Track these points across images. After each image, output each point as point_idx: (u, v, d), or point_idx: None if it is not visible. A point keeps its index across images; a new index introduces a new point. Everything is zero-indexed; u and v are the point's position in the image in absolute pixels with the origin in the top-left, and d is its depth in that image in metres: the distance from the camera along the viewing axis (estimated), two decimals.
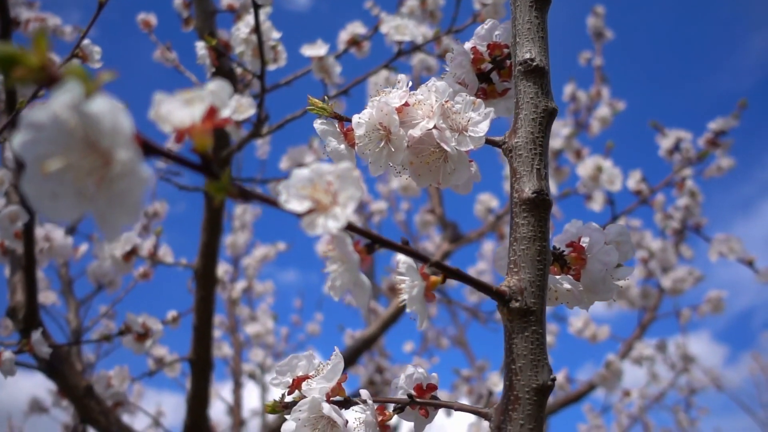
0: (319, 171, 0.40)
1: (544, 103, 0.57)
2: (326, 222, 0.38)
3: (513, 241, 0.55)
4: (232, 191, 0.36)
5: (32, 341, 1.09)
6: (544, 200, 0.55)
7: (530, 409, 0.51)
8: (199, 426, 1.66)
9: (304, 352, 0.67)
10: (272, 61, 1.29)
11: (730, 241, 1.61)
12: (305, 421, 0.59)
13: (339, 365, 0.61)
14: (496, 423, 0.52)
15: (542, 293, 0.53)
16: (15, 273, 1.69)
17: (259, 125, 1.34)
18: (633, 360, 2.23)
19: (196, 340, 1.58)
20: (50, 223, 1.61)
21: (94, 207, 0.30)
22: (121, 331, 1.34)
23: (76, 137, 0.29)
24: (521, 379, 0.51)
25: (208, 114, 0.35)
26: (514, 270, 0.54)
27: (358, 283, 0.43)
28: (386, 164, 0.59)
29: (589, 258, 0.62)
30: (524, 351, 0.52)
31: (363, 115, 0.59)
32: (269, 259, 3.31)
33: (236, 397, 2.36)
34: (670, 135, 1.81)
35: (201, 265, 1.56)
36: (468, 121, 0.57)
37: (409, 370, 0.62)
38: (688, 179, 2.01)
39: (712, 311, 2.35)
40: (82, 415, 1.58)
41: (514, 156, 0.57)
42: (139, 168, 0.29)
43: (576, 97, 2.94)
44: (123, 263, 1.51)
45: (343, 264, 0.43)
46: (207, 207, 1.55)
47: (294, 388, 0.65)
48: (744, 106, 1.83)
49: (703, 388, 4.59)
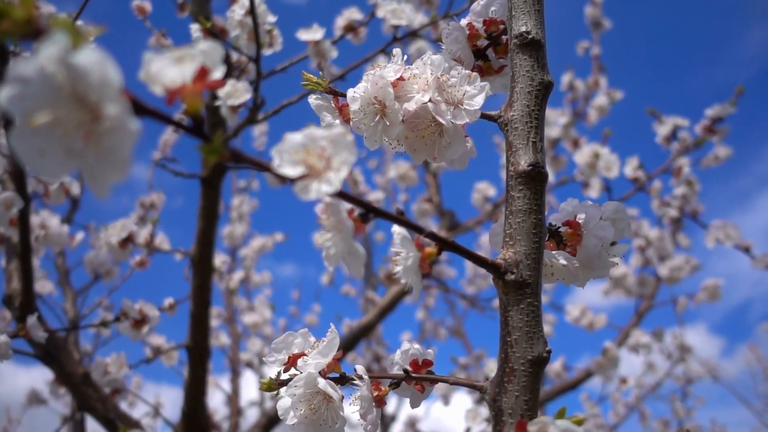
0: (313, 136, 0.39)
1: (540, 76, 0.57)
2: (320, 186, 0.38)
3: (508, 214, 0.55)
4: (224, 154, 0.36)
5: (28, 325, 1.09)
6: (539, 173, 0.54)
7: (525, 380, 0.51)
8: (197, 413, 1.66)
9: (299, 330, 0.67)
10: (268, 46, 1.28)
11: (726, 228, 1.61)
12: (301, 397, 0.59)
13: (334, 341, 0.61)
14: (492, 395, 0.52)
15: (538, 266, 0.53)
16: (11, 261, 1.69)
17: (255, 111, 1.34)
18: (630, 348, 2.24)
19: (194, 327, 1.58)
20: (46, 211, 1.61)
21: (83, 163, 0.30)
22: (117, 317, 1.34)
23: (63, 92, 0.29)
24: (516, 352, 0.51)
25: (199, 74, 0.34)
26: (509, 243, 0.54)
27: (353, 251, 0.43)
28: (381, 139, 0.59)
29: (584, 233, 0.62)
30: (519, 323, 0.52)
31: (358, 90, 0.58)
32: (267, 250, 3.31)
33: (234, 386, 2.36)
34: (667, 122, 1.81)
35: (198, 253, 1.55)
36: (463, 95, 0.57)
37: (404, 345, 0.62)
38: (685, 166, 2.01)
39: (709, 299, 2.36)
40: (79, 403, 1.58)
41: (509, 129, 0.57)
42: (128, 122, 0.29)
43: (573, 86, 2.93)
44: (119, 250, 1.50)
45: (337, 232, 0.43)
46: (203, 194, 1.54)
47: (290, 366, 0.65)
48: (741, 93, 1.82)
49: (700, 378, 4.61)
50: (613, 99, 2.89)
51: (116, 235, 1.47)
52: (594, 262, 0.62)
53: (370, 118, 0.58)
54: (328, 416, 0.59)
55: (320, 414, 0.59)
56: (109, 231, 1.48)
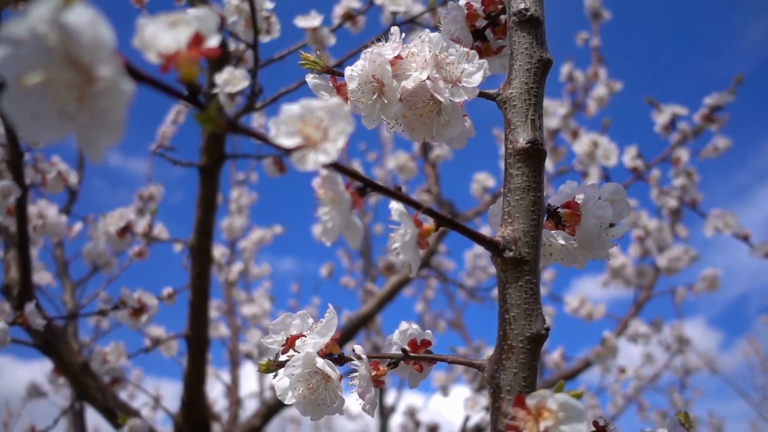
0: (309, 107, 0.39)
1: (538, 54, 0.57)
2: (317, 157, 0.38)
3: (507, 192, 0.55)
4: (219, 122, 0.35)
5: (26, 313, 1.09)
6: (538, 150, 0.54)
7: (524, 357, 0.51)
8: (197, 403, 1.66)
9: (297, 312, 0.66)
10: (265, 32, 1.28)
11: (725, 217, 1.61)
12: (299, 377, 0.59)
13: (333, 321, 0.61)
14: (490, 373, 0.52)
15: (536, 243, 0.53)
16: (9, 250, 1.68)
17: (253, 98, 1.33)
18: (628, 337, 2.24)
19: (192, 316, 1.58)
20: (43, 200, 1.60)
21: (77, 127, 0.30)
22: (116, 305, 1.34)
23: (56, 53, 0.28)
24: (515, 329, 0.51)
25: (194, 40, 0.34)
26: (508, 221, 0.54)
27: (350, 224, 0.42)
28: (379, 117, 0.59)
29: (583, 213, 0.62)
30: (518, 300, 0.52)
31: (355, 68, 0.58)
32: (266, 242, 3.31)
33: (233, 377, 2.36)
34: (666, 111, 1.80)
35: (196, 242, 1.55)
36: (462, 72, 0.57)
37: (403, 326, 0.62)
38: (684, 155, 2.01)
39: (708, 289, 2.36)
40: (78, 392, 1.58)
41: (508, 107, 0.56)
42: (121, 83, 0.28)
43: (573, 77, 2.92)
44: (117, 240, 1.50)
45: (335, 206, 0.43)
46: (201, 183, 1.54)
47: (288, 347, 0.65)
48: (740, 81, 1.82)
49: (698, 370, 4.63)
50: (612, 90, 2.88)
51: (114, 224, 1.47)
52: (593, 242, 0.62)
53: (368, 96, 0.58)
54: (326, 396, 0.59)
55: (318, 393, 0.59)
56: (107, 220, 1.48)
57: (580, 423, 0.42)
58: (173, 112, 3.49)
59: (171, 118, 3.46)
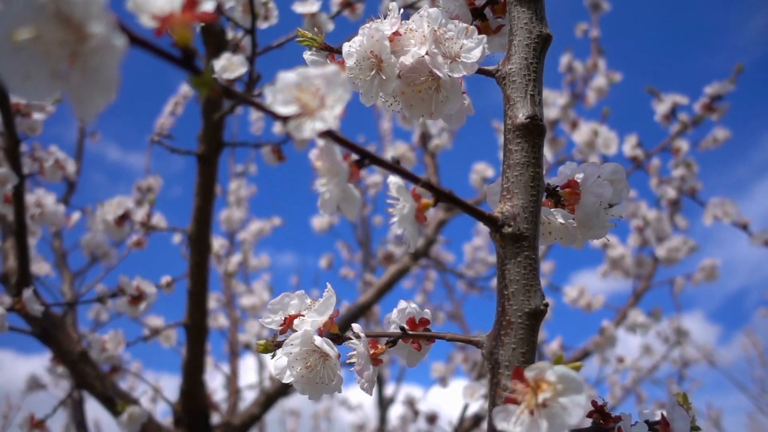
0: (306, 74, 0.38)
1: (538, 29, 0.56)
2: (314, 124, 0.37)
3: (506, 168, 0.54)
4: (214, 87, 0.35)
5: (24, 298, 1.09)
6: (537, 125, 0.54)
7: (522, 333, 0.51)
8: (196, 392, 1.66)
9: (296, 291, 0.66)
10: (263, 18, 1.27)
11: (724, 205, 1.61)
12: (297, 356, 0.59)
13: (331, 299, 0.60)
14: (489, 349, 0.52)
15: (535, 219, 0.53)
16: (6, 239, 1.68)
17: (251, 85, 1.32)
18: (627, 327, 2.25)
19: (191, 305, 1.58)
20: (41, 189, 1.60)
21: (69, 86, 0.29)
22: (114, 293, 1.34)
23: (47, 10, 0.28)
24: (513, 304, 0.51)
25: (188, 3, 0.33)
26: (507, 197, 0.54)
27: (348, 195, 0.42)
28: (377, 94, 0.58)
29: (582, 191, 0.61)
30: (516, 276, 0.51)
31: (353, 44, 0.57)
32: (265, 234, 3.31)
33: (233, 367, 2.37)
34: (666, 100, 1.80)
35: (195, 230, 1.55)
36: (461, 48, 0.56)
37: (401, 304, 0.62)
38: (684, 145, 2.01)
39: (706, 279, 2.36)
40: (77, 381, 1.58)
41: (507, 83, 0.56)
42: (113, 40, 0.28)
43: (572, 67, 2.91)
44: (115, 228, 1.49)
45: (332, 176, 0.42)
46: (199, 171, 1.53)
47: (286, 327, 0.65)
48: (741, 71, 1.81)
49: (696, 362, 4.65)
50: (612, 81, 2.87)
51: (112, 212, 1.46)
52: (592, 220, 0.61)
53: (366, 73, 0.57)
54: (324, 374, 0.58)
55: (316, 372, 0.58)
56: (105, 208, 1.47)
57: (579, 394, 0.42)
58: (171, 103, 3.48)
59: (169, 109, 3.45)
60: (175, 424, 1.65)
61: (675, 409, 0.66)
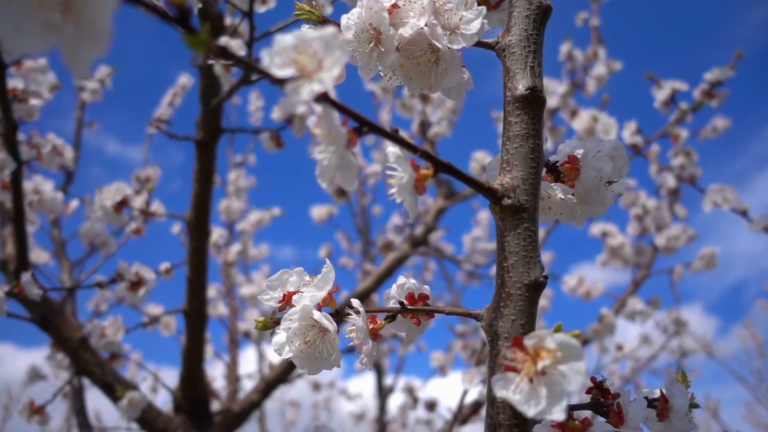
0: (304, 37, 0.38)
1: (538, 0, 0.55)
2: (311, 86, 0.37)
3: (506, 140, 0.54)
4: (211, 47, 0.35)
5: (22, 282, 1.08)
6: (537, 97, 0.53)
7: (522, 304, 0.50)
8: (195, 378, 1.66)
9: (294, 268, 0.66)
10: (261, 2, 1.26)
11: (724, 191, 1.61)
12: (296, 330, 0.58)
13: (330, 274, 0.60)
14: (488, 321, 0.52)
15: (535, 191, 0.52)
16: (5, 226, 1.68)
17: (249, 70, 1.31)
18: (626, 315, 2.25)
19: (191, 291, 1.58)
20: (39, 176, 1.59)
21: (61, 38, 0.29)
22: (113, 278, 1.33)
23: None
24: (513, 276, 0.51)
25: None
26: (506, 169, 0.53)
27: (346, 162, 0.42)
28: (376, 67, 0.58)
29: (582, 166, 0.61)
30: (516, 248, 0.51)
31: (352, 16, 0.57)
32: (264, 224, 3.30)
33: (233, 355, 2.37)
34: (666, 86, 1.79)
35: (193, 217, 1.54)
36: (460, 20, 0.56)
37: (400, 280, 0.62)
38: (683, 132, 2.00)
39: (705, 267, 2.36)
40: (77, 367, 1.58)
41: (507, 55, 0.55)
42: None
43: (572, 56, 2.90)
44: (114, 214, 1.49)
45: (330, 143, 0.42)
46: (198, 157, 1.53)
47: (285, 304, 0.64)
48: (740, 57, 1.80)
49: (695, 352, 4.66)
50: (612, 70, 2.86)
51: (111, 198, 1.46)
52: (591, 195, 0.61)
53: (365, 45, 0.57)
54: (323, 349, 0.58)
55: (316, 347, 0.58)
56: (104, 194, 1.47)
57: (579, 361, 0.41)
58: (169, 95, 3.47)
59: (167, 100, 3.44)
60: (174, 410, 1.66)
61: (674, 385, 0.66)
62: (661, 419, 0.63)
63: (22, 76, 1.45)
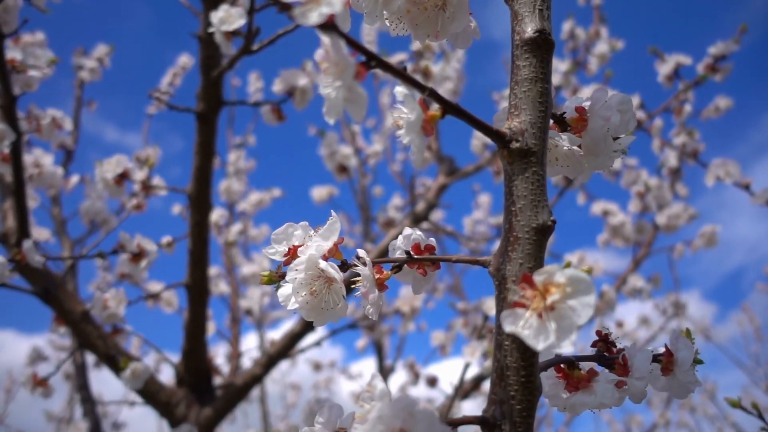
0: None
1: None
2: (320, 9, 0.36)
3: (514, 84, 0.53)
4: None
5: (23, 249, 1.08)
6: (546, 40, 0.52)
7: (530, 248, 0.50)
8: (197, 352, 1.67)
9: (300, 223, 0.65)
10: None
11: (726, 165, 1.60)
12: (302, 281, 0.58)
13: (335, 225, 0.60)
14: (495, 265, 0.51)
15: (543, 135, 0.52)
16: (5, 200, 1.67)
17: (250, 38, 1.30)
18: (627, 293, 2.26)
19: (192, 265, 1.58)
20: (39, 149, 1.58)
21: None
22: (115, 249, 1.33)
23: None
24: (521, 220, 0.50)
25: None
26: (514, 113, 0.53)
27: (354, 93, 0.41)
28: (381, 14, 0.57)
29: (590, 116, 0.60)
30: (524, 192, 0.51)
31: None
32: (264, 205, 3.30)
33: (234, 332, 2.38)
34: (670, 60, 1.78)
35: (195, 190, 1.54)
36: None
37: (406, 231, 0.62)
38: (686, 107, 1.99)
39: (706, 245, 2.37)
40: (79, 341, 1.59)
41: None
42: None
43: (574, 34, 2.87)
44: (114, 187, 1.48)
45: (338, 73, 0.41)
46: (198, 130, 1.52)
47: (290, 258, 0.64)
48: (744, 31, 1.79)
49: (693, 335, 4.69)
50: (614, 48, 2.84)
51: (112, 170, 1.45)
52: (599, 145, 0.60)
53: None
54: (329, 299, 0.58)
55: (321, 297, 0.58)
56: (104, 167, 1.46)
57: (589, 295, 0.41)
58: (169, 74, 3.44)
59: (167, 80, 3.41)
60: (177, 383, 1.67)
61: (679, 339, 0.66)
62: (665, 373, 0.64)
63: (21, 50, 1.44)
